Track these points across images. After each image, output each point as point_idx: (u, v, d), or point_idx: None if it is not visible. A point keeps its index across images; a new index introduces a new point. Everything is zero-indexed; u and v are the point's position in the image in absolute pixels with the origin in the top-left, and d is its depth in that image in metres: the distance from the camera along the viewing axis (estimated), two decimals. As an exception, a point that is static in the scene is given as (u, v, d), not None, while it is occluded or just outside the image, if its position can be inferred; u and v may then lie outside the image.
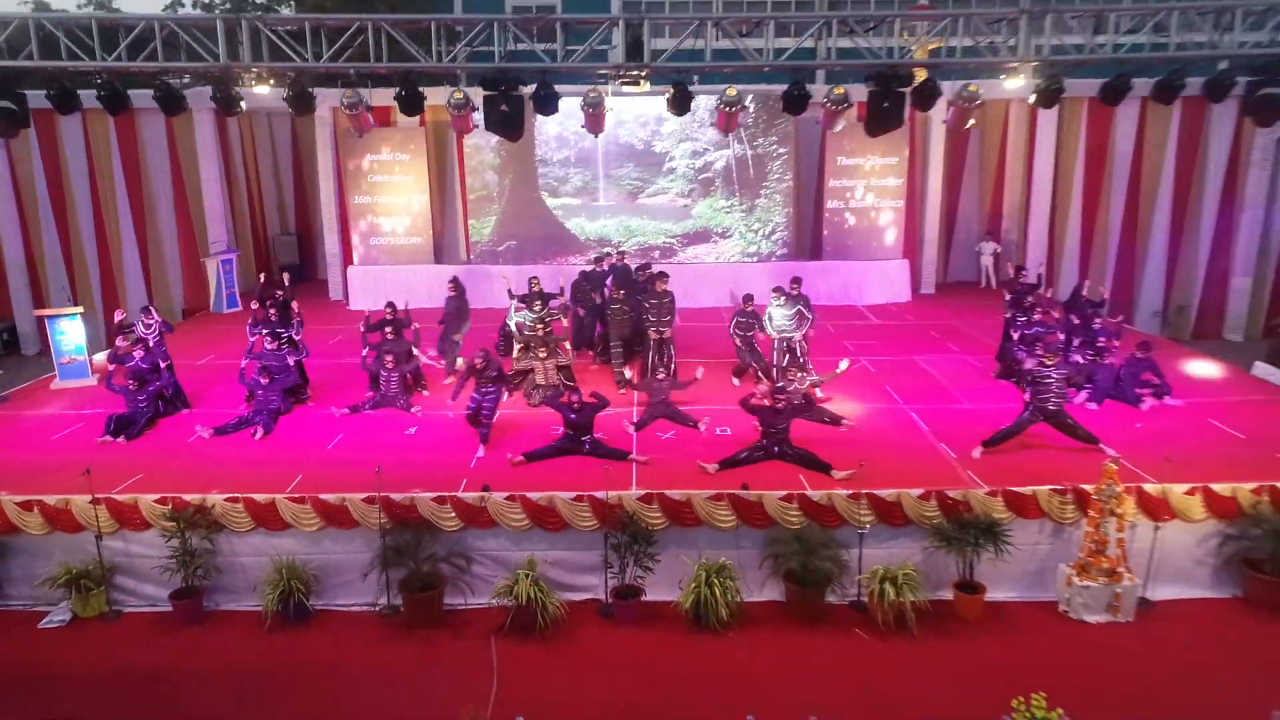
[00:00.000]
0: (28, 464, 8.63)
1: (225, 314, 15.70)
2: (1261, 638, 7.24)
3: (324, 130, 16.12)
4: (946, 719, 5.86)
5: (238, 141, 17.63)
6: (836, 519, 7.67)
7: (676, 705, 6.48)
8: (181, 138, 16.39)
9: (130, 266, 16.87)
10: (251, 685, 6.82)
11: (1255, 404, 10.05)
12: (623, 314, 10.95)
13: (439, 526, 7.67)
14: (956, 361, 11.93)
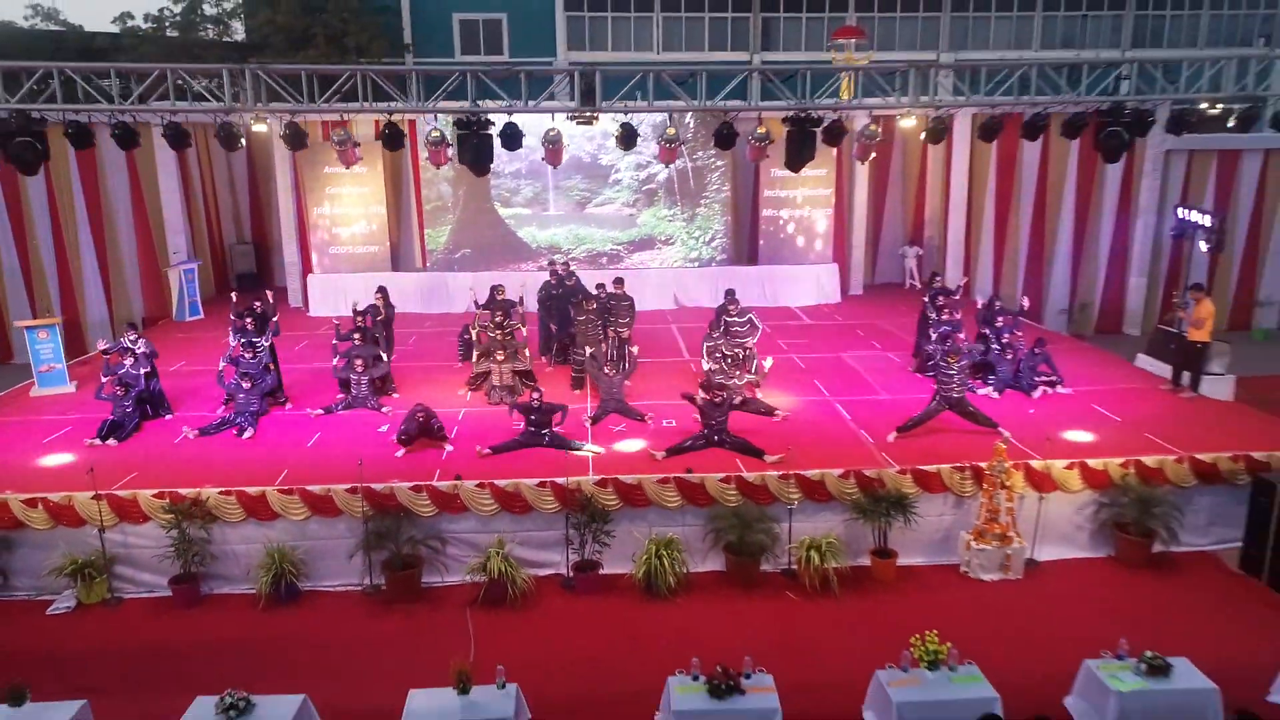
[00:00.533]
0: (21, 465, 9.26)
1: (188, 321, 16.21)
2: (1127, 588, 8.53)
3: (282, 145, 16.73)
4: (860, 660, 6.93)
5: (194, 155, 18.10)
6: (769, 497, 8.75)
7: (631, 658, 7.48)
8: (140, 153, 16.81)
9: (90, 277, 17.24)
10: (250, 657, 7.60)
11: (1134, 391, 11.46)
12: (595, 325, 11.72)
13: (416, 512, 8.55)
14: (878, 357, 13.19)
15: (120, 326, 12.93)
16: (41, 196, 16.82)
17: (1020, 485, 8.87)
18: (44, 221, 16.93)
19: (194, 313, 16.38)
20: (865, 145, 11.77)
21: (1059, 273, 18.59)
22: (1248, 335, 18.52)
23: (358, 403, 10.90)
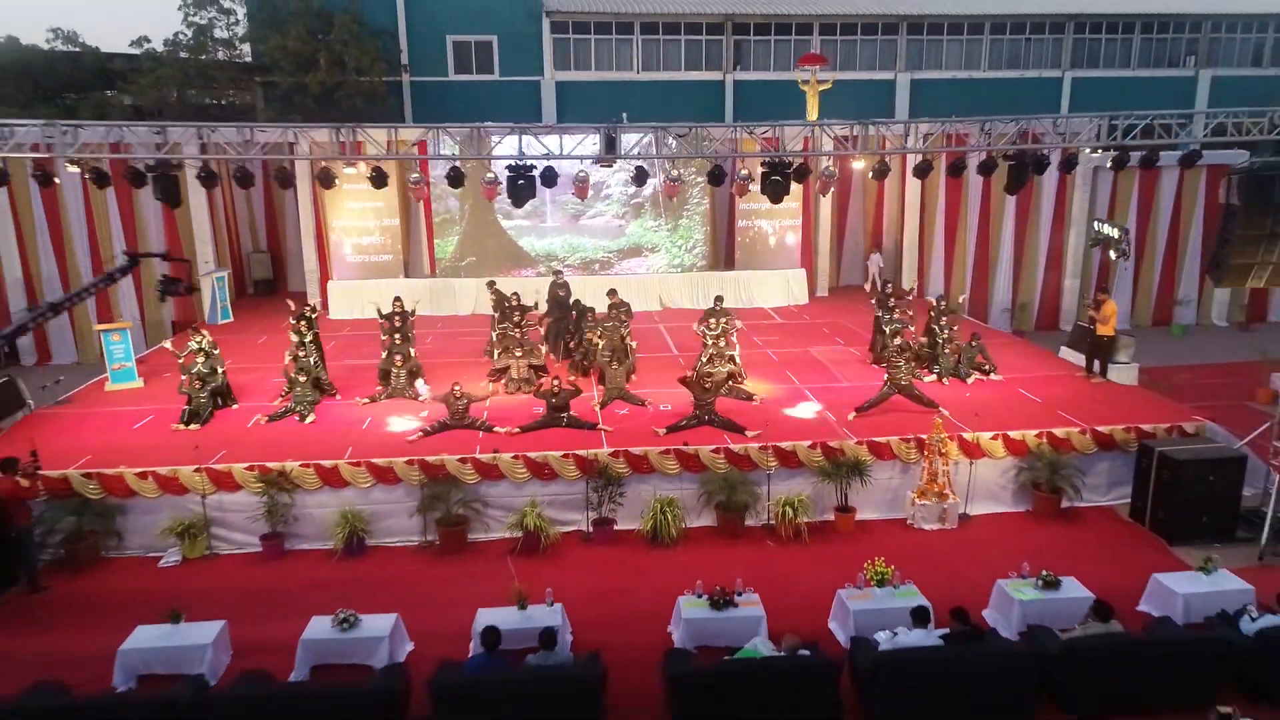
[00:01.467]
0: (119, 446, 10.94)
1: (220, 324, 17.81)
2: (1039, 534, 10.56)
3: (304, 164, 18.40)
4: (825, 588, 8.84)
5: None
6: (751, 465, 10.69)
7: (643, 589, 9.34)
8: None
9: (123, 284, 18.73)
10: (332, 595, 9.30)
11: (1054, 378, 13.59)
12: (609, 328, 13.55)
13: (462, 480, 10.37)
14: (840, 351, 15.22)
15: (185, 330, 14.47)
16: (80, 208, 18.35)
17: (955, 453, 10.89)
18: (81, 232, 18.46)
19: (225, 316, 17.99)
20: (825, 182, 13.66)
21: (1002, 276, 20.76)
22: (1168, 331, 20.86)
23: (396, 393, 12.68)
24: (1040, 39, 28.28)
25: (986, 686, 6.87)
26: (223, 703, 6.69)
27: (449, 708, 6.68)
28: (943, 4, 27.99)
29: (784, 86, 26.60)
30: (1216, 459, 10.37)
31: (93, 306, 18.63)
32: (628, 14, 26.39)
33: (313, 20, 22.62)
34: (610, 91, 26.51)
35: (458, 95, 26.11)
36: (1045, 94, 28.37)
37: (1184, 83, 29.05)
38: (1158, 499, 10.45)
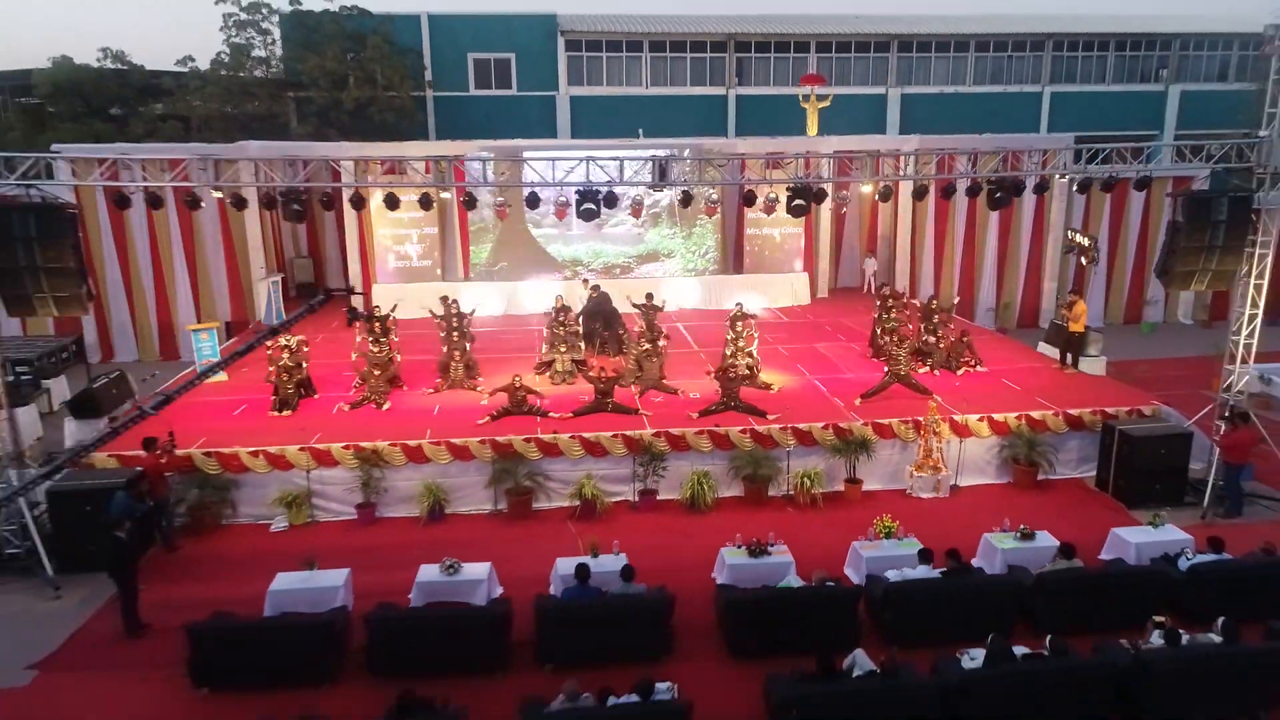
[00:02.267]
0: (227, 430, 12.60)
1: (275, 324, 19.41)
2: (1018, 500, 12.31)
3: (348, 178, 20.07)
4: (839, 543, 10.59)
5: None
6: (772, 443, 12.46)
7: (686, 546, 11.07)
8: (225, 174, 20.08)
9: (182, 289, 20.38)
10: (423, 553, 11.02)
11: (1032, 369, 15.43)
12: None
13: (527, 456, 12.10)
14: (843, 347, 17.03)
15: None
16: (142, 220, 19.95)
17: (947, 433, 12.69)
18: (143, 240, 20.05)
19: (279, 317, 19.60)
20: (839, 204, 15.40)
21: (987, 279, 22.60)
22: (1139, 329, 22.78)
23: (455, 384, 14.39)
24: (1021, 56, 30.25)
25: (975, 609, 8.67)
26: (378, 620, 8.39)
27: (550, 626, 8.43)
28: (931, 24, 29.90)
29: (783, 100, 28.51)
30: (1167, 436, 12.24)
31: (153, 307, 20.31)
32: (637, 33, 28.17)
33: (347, 41, 24.28)
34: (621, 105, 28.33)
35: (478, 109, 27.86)
36: (1026, 107, 30.38)
37: (1155, 97, 31.09)
38: (1118, 470, 12.30)
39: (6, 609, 9.84)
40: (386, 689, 7.55)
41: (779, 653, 8.25)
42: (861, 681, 7.39)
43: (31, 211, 9.99)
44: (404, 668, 8.22)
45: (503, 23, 27.77)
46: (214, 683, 8.23)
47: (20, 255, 9.87)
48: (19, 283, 10.04)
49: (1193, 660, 7.55)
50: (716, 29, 28.58)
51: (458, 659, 8.34)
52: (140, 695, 8.32)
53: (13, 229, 9.79)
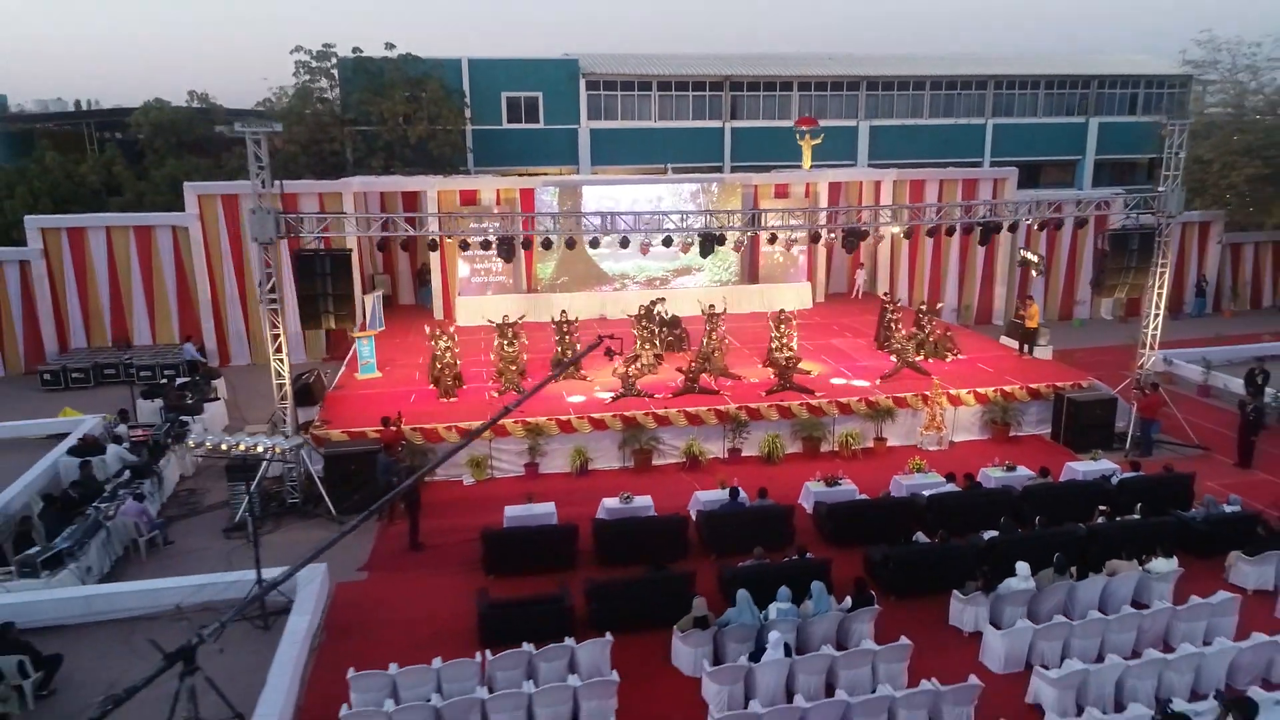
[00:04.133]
0: (411, 412, 16.58)
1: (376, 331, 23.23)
2: (997, 449, 17.03)
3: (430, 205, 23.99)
4: (881, 479, 15.12)
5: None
6: (821, 413, 16.99)
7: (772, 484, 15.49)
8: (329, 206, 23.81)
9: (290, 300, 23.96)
10: (580, 496, 15.23)
11: (1000, 356, 20.32)
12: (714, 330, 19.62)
13: (646, 426, 16.40)
14: (850, 342, 21.71)
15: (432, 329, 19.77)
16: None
17: (944, 403, 17.40)
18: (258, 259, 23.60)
19: (379, 325, 23.43)
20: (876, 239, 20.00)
21: (951, 284, 27.59)
22: (1070, 323, 28.04)
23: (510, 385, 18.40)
24: (968, 93, 35.54)
25: (985, 510, 13.30)
26: (600, 525, 12.65)
27: (711, 527, 12.80)
28: (894, 65, 34.98)
29: (771, 132, 33.26)
30: (1099, 401, 17.18)
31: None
32: (648, 75, 32.57)
33: (409, 85, 28.11)
34: (634, 137, 32.70)
35: (510, 141, 31.92)
36: (973, 136, 35.69)
37: (1078, 127, 36.74)
38: (1066, 426, 17.18)
39: (311, 537, 13.75)
40: (611, 570, 11.85)
41: (863, 541, 12.72)
42: (924, 546, 11.97)
43: (328, 256, 13.98)
44: (620, 557, 12.46)
45: (533, 66, 31.84)
46: (499, 571, 12.37)
47: (318, 285, 13.85)
48: (314, 304, 14.03)
49: (1119, 527, 12.32)
50: (714, 71, 33.12)
51: (655, 549, 12.55)
52: (449, 582, 12.41)
53: (315, 268, 13.78)
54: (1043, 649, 10.13)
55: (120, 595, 11.36)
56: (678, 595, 10.98)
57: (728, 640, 10.14)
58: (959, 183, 26.75)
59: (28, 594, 11.01)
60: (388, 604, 12.01)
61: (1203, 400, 20.17)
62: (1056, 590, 10.96)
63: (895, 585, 11.57)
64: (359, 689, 9.30)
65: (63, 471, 15.47)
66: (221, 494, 15.43)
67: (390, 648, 10.43)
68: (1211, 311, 29.07)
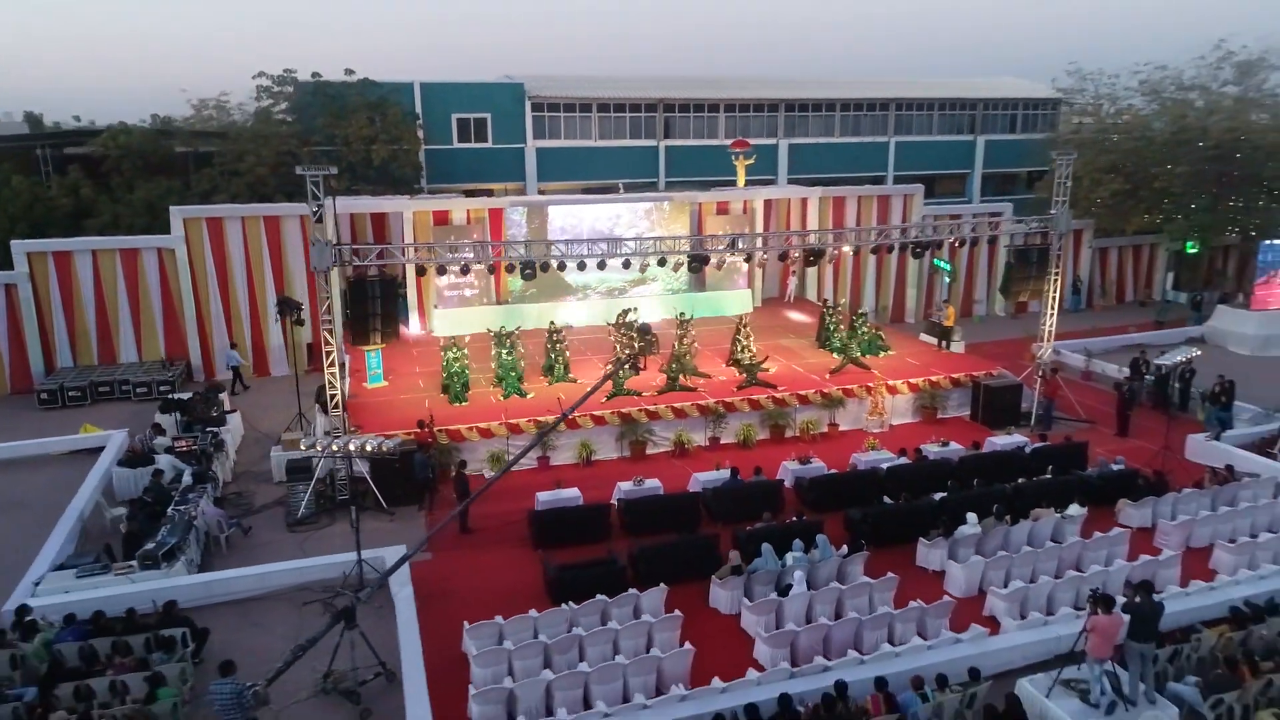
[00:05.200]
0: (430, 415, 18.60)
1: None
2: (928, 429, 20.34)
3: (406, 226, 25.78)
4: (839, 456, 18.10)
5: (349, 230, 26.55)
6: (784, 404, 19.92)
7: (743, 463, 18.31)
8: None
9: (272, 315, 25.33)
10: (593, 481, 17.59)
11: (923, 351, 23.78)
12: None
13: (639, 420, 18.91)
14: (795, 341, 24.78)
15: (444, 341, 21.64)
16: (241, 259, 24.80)
17: (884, 392, 20.62)
18: (241, 275, 24.91)
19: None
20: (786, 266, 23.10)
21: (869, 287, 31.14)
22: (970, 319, 32.05)
23: (511, 389, 20.86)
24: (874, 115, 39.46)
25: (931, 476, 16.45)
26: (626, 503, 15.14)
27: (719, 500, 15.48)
28: (809, 89, 38.55)
29: (702, 149, 36.31)
30: (1008, 386, 20.74)
31: (249, 332, 25.18)
32: (588, 98, 35.04)
33: (369, 109, 29.69)
34: (577, 155, 35.11)
35: (460, 159, 33.81)
36: (878, 153, 39.64)
37: (967, 145, 41.22)
38: (983, 408, 20.66)
39: (371, 526, 15.68)
40: (637, 539, 14.36)
41: (839, 505, 15.63)
42: (892, 506, 14.98)
43: (378, 281, 15.96)
44: (644, 528, 14.97)
45: (481, 89, 33.79)
46: (546, 544, 14.70)
47: (368, 306, 15.81)
48: (364, 323, 15.95)
49: (1036, 485, 15.68)
50: (649, 94, 35.82)
51: (673, 521, 15.10)
52: (503, 555, 14.68)
53: (366, 291, 15.75)
54: (991, 576, 13.23)
55: (234, 579, 13.18)
56: (705, 554, 13.67)
57: (755, 583, 12.83)
58: (874, 199, 30.32)
59: (154, 583, 12.69)
60: (457, 575, 14.18)
61: (1085, 383, 24.15)
62: (997, 533, 14.11)
63: (872, 538, 14.50)
64: (474, 636, 11.54)
65: (115, 481, 16.88)
66: (264, 496, 17.20)
67: (471, 608, 12.67)
68: (1085, 306, 33.62)
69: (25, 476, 18.12)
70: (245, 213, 24.76)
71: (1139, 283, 34.71)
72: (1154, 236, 33.38)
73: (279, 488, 17.53)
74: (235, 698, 9.35)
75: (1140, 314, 32.34)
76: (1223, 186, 31.15)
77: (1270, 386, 22.17)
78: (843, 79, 41.43)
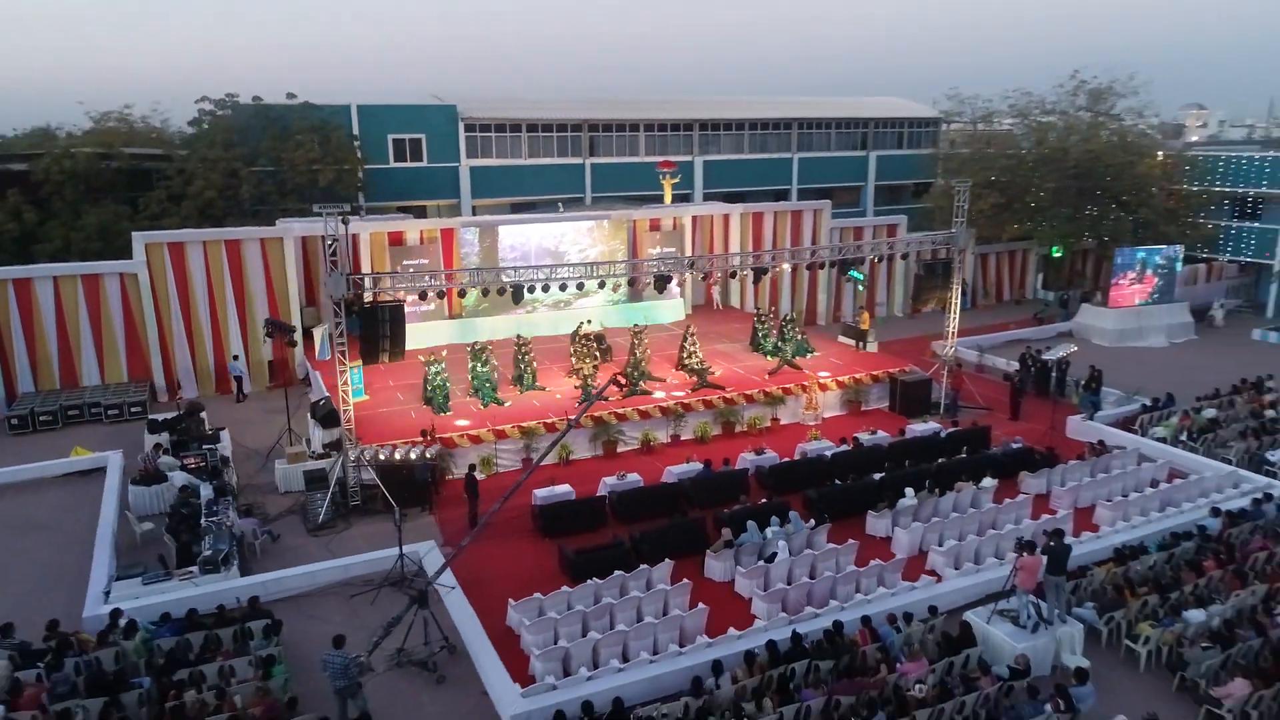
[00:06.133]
0: (417, 425, 20.30)
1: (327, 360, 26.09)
2: (854, 421, 23.43)
3: (364, 246, 27.14)
4: (788, 445, 20.85)
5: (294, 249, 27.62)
6: (733, 402, 22.56)
7: (703, 456, 20.85)
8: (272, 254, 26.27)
9: (234, 334, 26.26)
10: (575, 478, 19.78)
11: (843, 352, 26.95)
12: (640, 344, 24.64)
13: (610, 423, 21.17)
14: (730, 345, 27.54)
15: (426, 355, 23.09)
16: (203, 280, 25.60)
17: (816, 389, 23.59)
18: (204, 297, 25.72)
19: (327, 354, 26.27)
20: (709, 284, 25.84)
21: (785, 294, 34.33)
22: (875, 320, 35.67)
23: (488, 397, 22.89)
24: (779, 134, 42.85)
25: (869, 459, 19.40)
26: (618, 496, 17.40)
27: (695, 489, 17.94)
28: (721, 110, 41.57)
29: (624, 166, 38.74)
30: (920, 380, 24.06)
31: (211, 351, 26.01)
32: (518, 119, 36.95)
33: (310, 132, 30.73)
34: (507, 173, 36.96)
35: (397, 178, 35.13)
36: (783, 169, 43.05)
37: (861, 160, 45.16)
38: (901, 400, 23.91)
39: (386, 527, 17.33)
40: (630, 527, 16.65)
41: (796, 488, 18.35)
42: (842, 485, 17.81)
43: (387, 307, 17.62)
44: (634, 516, 17.28)
45: (416, 111, 35.13)
46: (551, 534, 16.80)
47: (379, 329, 17.48)
48: (374, 344, 17.60)
49: (955, 463, 18.85)
50: (575, 115, 37.96)
51: (658, 509, 17.45)
52: (515, 545, 16.69)
53: (378, 316, 17.41)
54: (929, 538, 16.19)
55: (289, 578, 14.75)
56: (693, 534, 16.11)
57: (743, 554, 15.35)
58: (789, 214, 33.49)
59: (215, 585, 14.14)
60: (479, 564, 16.09)
61: (979, 375, 27.86)
62: (929, 504, 17.11)
63: (828, 513, 17.25)
64: (519, 610, 13.60)
65: (132, 499, 17.93)
66: (274, 506, 18.57)
67: (500, 588, 14.69)
68: (971, 306, 37.81)
69: (31, 500, 18.84)
70: (206, 237, 25.61)
71: (1014, 284, 39.24)
72: (1025, 243, 37.90)
73: (285, 498, 18.93)
74: (344, 667, 11.14)
75: (1017, 311, 36.72)
76: (1081, 199, 35.85)
77: (1128, 374, 26.37)
78: (751, 100, 44.71)
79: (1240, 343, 31.67)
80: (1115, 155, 35.15)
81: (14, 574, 15.71)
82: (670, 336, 28.41)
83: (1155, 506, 17.45)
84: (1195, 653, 12.21)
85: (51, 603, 14.44)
